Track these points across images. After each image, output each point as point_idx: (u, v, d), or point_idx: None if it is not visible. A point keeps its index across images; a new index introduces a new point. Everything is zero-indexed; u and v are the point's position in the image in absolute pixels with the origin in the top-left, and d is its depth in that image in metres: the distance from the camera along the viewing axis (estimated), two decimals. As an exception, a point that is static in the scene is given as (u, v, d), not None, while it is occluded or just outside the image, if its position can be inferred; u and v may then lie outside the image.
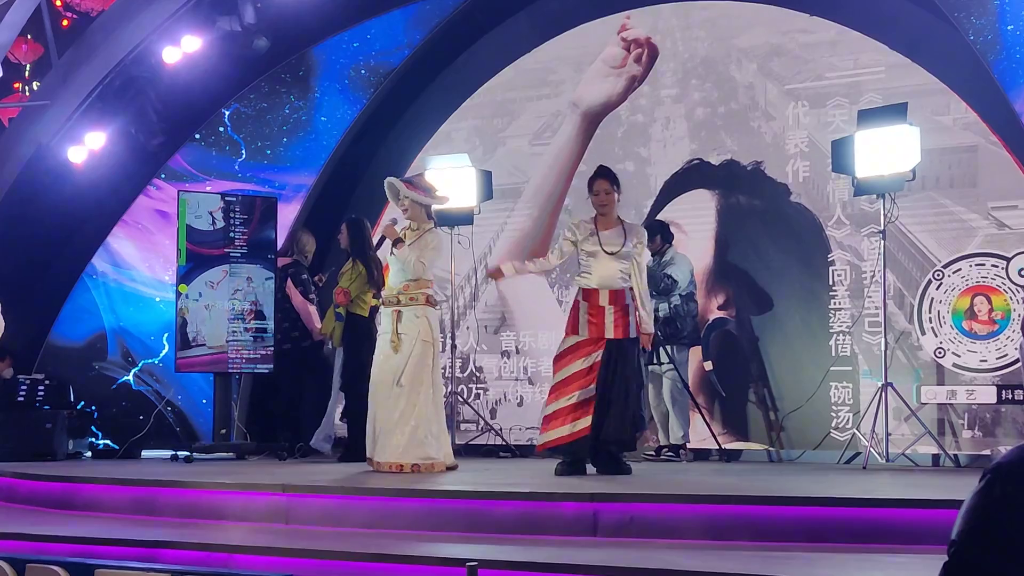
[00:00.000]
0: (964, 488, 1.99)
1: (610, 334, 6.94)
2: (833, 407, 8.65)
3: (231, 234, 9.65)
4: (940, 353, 8.33)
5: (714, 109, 9.42)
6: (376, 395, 7.46)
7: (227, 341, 9.54)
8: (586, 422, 6.85)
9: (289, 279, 9.65)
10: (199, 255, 9.61)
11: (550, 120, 10.11)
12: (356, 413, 8.26)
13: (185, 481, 6.86)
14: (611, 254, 7.02)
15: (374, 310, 8.45)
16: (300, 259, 9.77)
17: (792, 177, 9.03)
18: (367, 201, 10.32)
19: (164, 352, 10.42)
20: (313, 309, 9.59)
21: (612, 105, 9.81)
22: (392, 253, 7.55)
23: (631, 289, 7.08)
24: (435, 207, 7.74)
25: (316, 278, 9.84)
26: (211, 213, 9.69)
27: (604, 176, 7.19)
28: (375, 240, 8.41)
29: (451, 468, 7.43)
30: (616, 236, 7.07)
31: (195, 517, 6.43)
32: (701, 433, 8.73)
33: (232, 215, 9.70)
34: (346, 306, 8.51)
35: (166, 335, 10.34)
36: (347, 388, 8.70)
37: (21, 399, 9.65)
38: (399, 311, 7.43)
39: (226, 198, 9.81)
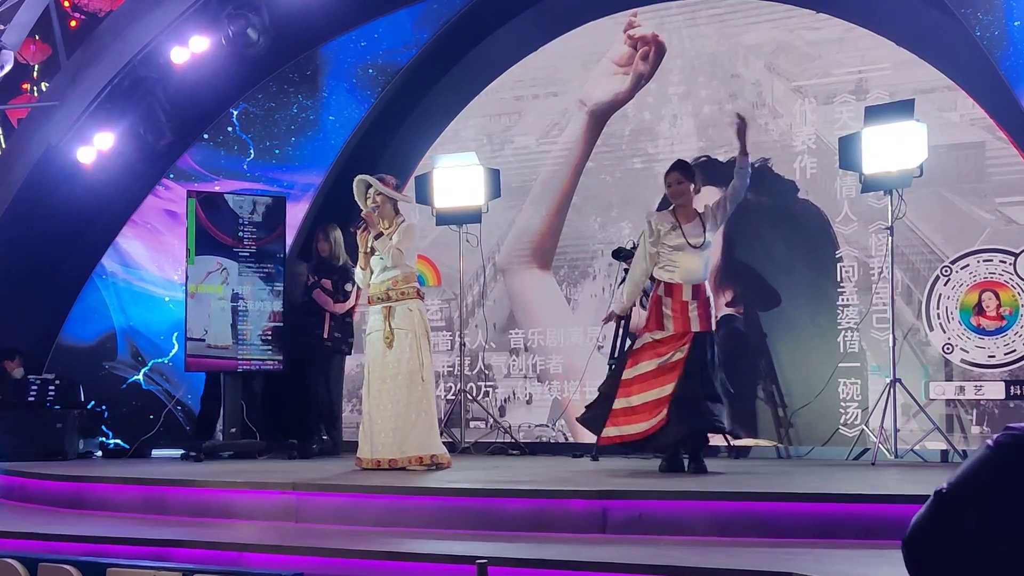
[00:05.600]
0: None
1: (696, 327, 6.91)
2: (841, 403, 8.65)
3: (240, 233, 9.66)
4: (948, 349, 8.33)
5: (721, 106, 9.42)
6: (372, 393, 7.45)
7: (239, 341, 9.57)
8: (662, 417, 6.76)
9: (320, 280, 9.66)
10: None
11: (557, 118, 10.11)
12: None
13: (195, 480, 6.90)
14: (696, 247, 6.99)
15: None
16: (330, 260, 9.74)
17: (799, 174, 9.03)
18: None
19: (174, 351, 10.45)
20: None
21: (619, 103, 9.81)
22: (371, 251, 7.54)
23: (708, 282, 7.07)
24: (401, 203, 7.74)
25: None
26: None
27: (674, 168, 7.17)
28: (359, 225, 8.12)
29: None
30: (697, 228, 7.02)
31: (205, 516, 6.48)
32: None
33: (241, 214, 9.71)
34: None
35: (175, 334, 10.37)
36: None
37: (32, 399, 9.67)
38: (390, 307, 7.44)
39: (234, 197, 9.83)
